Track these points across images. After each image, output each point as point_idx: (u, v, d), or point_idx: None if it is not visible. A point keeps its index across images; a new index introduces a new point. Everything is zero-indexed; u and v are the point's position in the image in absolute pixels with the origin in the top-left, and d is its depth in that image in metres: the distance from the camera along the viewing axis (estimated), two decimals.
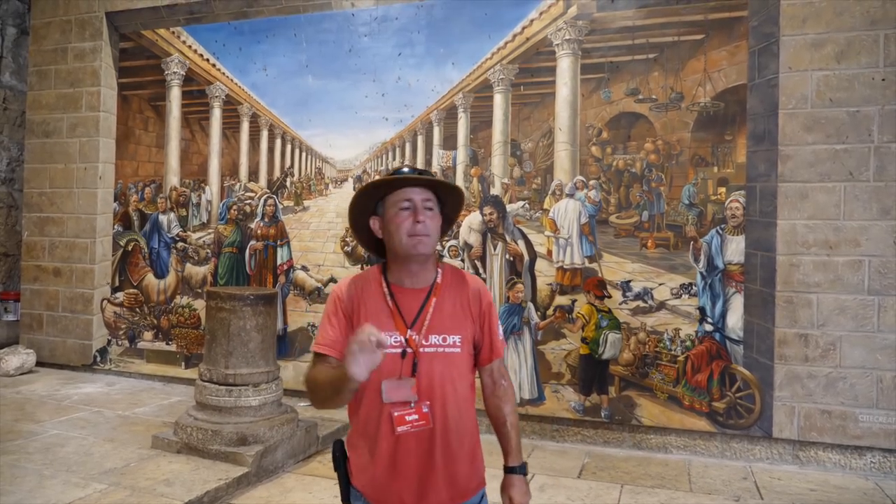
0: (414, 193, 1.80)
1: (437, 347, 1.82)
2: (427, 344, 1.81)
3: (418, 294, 1.85)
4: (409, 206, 1.79)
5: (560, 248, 5.35)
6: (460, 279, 1.93)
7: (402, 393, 1.77)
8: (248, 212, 6.49)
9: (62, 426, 5.02)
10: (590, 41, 5.27)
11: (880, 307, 4.50)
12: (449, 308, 1.86)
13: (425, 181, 1.82)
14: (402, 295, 1.84)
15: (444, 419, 1.80)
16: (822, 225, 4.61)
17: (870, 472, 4.54)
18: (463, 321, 1.87)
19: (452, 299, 1.88)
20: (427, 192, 1.82)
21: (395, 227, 1.79)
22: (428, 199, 1.81)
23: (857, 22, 4.55)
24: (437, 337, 1.82)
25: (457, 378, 1.83)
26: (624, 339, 5.11)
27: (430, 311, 1.83)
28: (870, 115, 4.53)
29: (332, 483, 4.16)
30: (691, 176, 5.04)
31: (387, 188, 1.83)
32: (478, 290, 1.93)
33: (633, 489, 4.25)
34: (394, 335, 1.79)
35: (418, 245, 1.78)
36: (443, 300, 1.86)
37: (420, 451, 1.78)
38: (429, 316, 1.83)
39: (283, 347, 6.07)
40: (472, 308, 1.90)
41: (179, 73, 6.73)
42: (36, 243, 7.11)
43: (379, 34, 5.94)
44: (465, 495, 1.85)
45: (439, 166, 5.84)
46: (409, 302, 1.84)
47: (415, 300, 1.84)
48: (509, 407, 1.97)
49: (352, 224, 1.94)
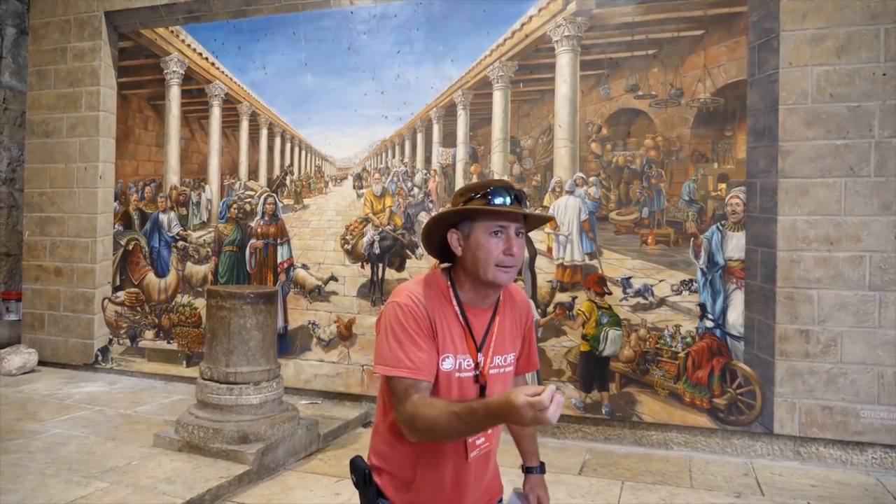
0: (508, 219, 1.68)
1: (500, 368, 1.79)
2: (493, 365, 1.77)
3: (485, 314, 1.79)
4: (502, 232, 1.67)
5: (560, 245, 5.34)
6: (512, 295, 1.90)
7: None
8: (248, 210, 6.49)
9: (64, 425, 5.03)
10: (589, 38, 5.26)
11: (881, 303, 4.49)
12: (508, 327, 1.83)
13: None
14: (472, 315, 1.76)
15: (497, 438, 1.84)
16: (823, 221, 4.60)
17: (871, 468, 4.53)
18: (516, 339, 1.87)
19: (511, 319, 1.85)
20: (519, 217, 1.71)
21: (483, 253, 1.67)
22: (521, 227, 1.71)
23: (857, 16, 4.53)
24: (500, 358, 1.79)
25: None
26: (624, 335, 5.11)
27: (494, 331, 1.78)
28: (870, 111, 4.51)
29: (334, 481, 4.18)
30: (691, 172, 5.03)
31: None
32: (527, 307, 1.93)
33: (633, 486, 4.25)
34: (467, 358, 1.74)
35: (505, 275, 1.69)
36: (504, 319, 1.83)
37: (478, 473, 1.80)
38: (494, 337, 1.78)
39: (283, 345, 6.07)
40: (522, 324, 1.90)
41: (178, 72, 6.73)
42: (37, 243, 7.12)
43: (378, 32, 5.94)
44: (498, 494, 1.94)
45: (439, 164, 5.84)
46: (478, 322, 1.77)
47: (483, 321, 1.78)
48: None
49: (428, 229, 1.79)
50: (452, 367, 1.71)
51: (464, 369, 1.71)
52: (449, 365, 1.70)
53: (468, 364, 1.72)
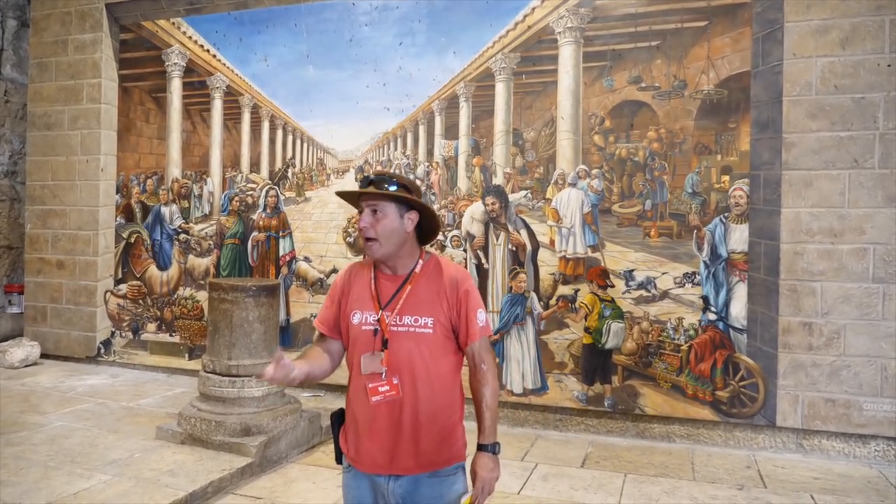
0: (364, 199, 2.06)
1: (409, 327, 2.04)
2: (399, 324, 2.04)
3: (397, 280, 2.10)
4: (362, 211, 2.06)
5: (563, 238, 5.33)
6: (439, 269, 2.13)
7: (373, 365, 2.02)
8: (250, 203, 6.48)
9: (67, 418, 5.04)
10: (592, 29, 5.23)
11: (885, 295, 4.47)
12: (424, 294, 2.08)
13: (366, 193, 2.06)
14: (385, 280, 2.11)
15: (413, 392, 2.01)
16: (827, 213, 4.58)
17: (874, 461, 4.53)
18: (437, 305, 2.06)
19: (428, 286, 2.09)
20: (372, 198, 2.05)
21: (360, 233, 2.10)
22: (372, 205, 2.04)
23: (862, 7, 4.50)
24: (409, 318, 2.05)
25: (428, 356, 2.03)
26: (627, 328, 5.10)
27: (403, 295, 2.07)
28: (875, 102, 4.48)
29: (336, 473, 4.18)
30: (694, 164, 5.01)
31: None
32: (455, 279, 2.11)
33: (636, 478, 4.25)
34: (371, 314, 2.07)
35: (368, 249, 2.05)
36: (418, 286, 2.08)
37: (391, 419, 2.01)
38: (402, 299, 2.06)
39: (285, 338, 6.07)
40: (449, 294, 2.08)
41: (180, 64, 6.70)
42: (39, 236, 7.12)
43: (380, 24, 5.91)
44: (433, 465, 2.04)
45: (441, 156, 5.82)
46: (387, 287, 2.10)
47: (393, 286, 2.10)
48: (487, 389, 2.10)
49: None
50: (360, 321, 2.09)
51: (368, 323, 2.07)
52: (357, 319, 2.09)
53: (372, 319, 2.06)
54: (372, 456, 2.03)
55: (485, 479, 2.03)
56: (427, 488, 2.03)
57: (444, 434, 2.05)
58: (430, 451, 2.02)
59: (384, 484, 2.03)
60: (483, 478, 2.03)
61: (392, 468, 2.02)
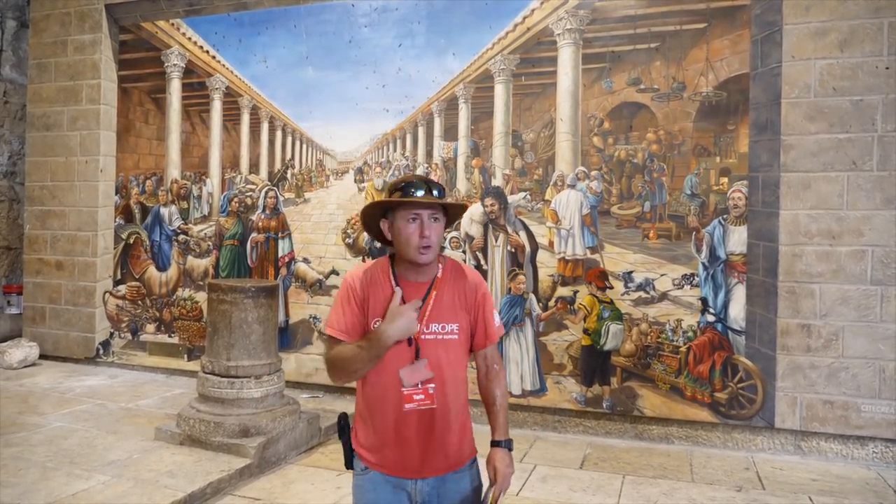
0: (421, 208, 1.98)
1: (437, 335, 2.04)
2: (428, 332, 2.03)
3: (421, 287, 2.06)
4: (417, 219, 1.98)
5: (562, 239, 5.34)
6: (459, 272, 2.13)
7: (418, 375, 2.00)
8: (249, 204, 6.48)
9: (65, 419, 5.04)
10: (591, 31, 5.23)
11: (883, 297, 4.48)
12: (448, 299, 2.07)
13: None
14: (407, 287, 2.04)
15: (443, 399, 2.02)
16: (825, 215, 4.59)
17: (872, 462, 4.54)
18: (460, 311, 2.08)
19: (451, 291, 2.09)
20: (434, 207, 2.00)
21: (404, 237, 1.99)
22: (434, 213, 2.00)
23: (860, 10, 4.51)
24: (437, 325, 2.04)
25: (454, 362, 2.06)
26: (626, 329, 5.10)
27: (430, 302, 2.04)
28: (873, 104, 4.49)
29: (335, 474, 4.19)
30: (693, 166, 5.02)
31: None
32: (474, 283, 2.13)
33: (634, 480, 4.26)
34: None
35: (423, 256, 1.99)
36: (442, 292, 2.07)
37: (420, 426, 2.01)
38: (430, 307, 2.03)
39: (284, 339, 6.07)
40: (469, 298, 2.10)
41: (179, 65, 6.71)
42: (38, 237, 7.12)
43: (379, 25, 5.92)
44: (459, 464, 2.09)
45: (440, 157, 5.83)
46: (413, 294, 2.04)
47: (418, 292, 2.04)
48: (499, 389, 2.17)
49: (363, 220, 2.15)
50: None
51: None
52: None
53: None
54: (400, 462, 2.03)
55: (505, 474, 2.07)
56: (452, 483, 2.08)
57: (464, 432, 2.11)
58: (455, 450, 2.08)
59: (412, 486, 2.04)
60: (503, 472, 2.07)
61: (423, 472, 2.04)
